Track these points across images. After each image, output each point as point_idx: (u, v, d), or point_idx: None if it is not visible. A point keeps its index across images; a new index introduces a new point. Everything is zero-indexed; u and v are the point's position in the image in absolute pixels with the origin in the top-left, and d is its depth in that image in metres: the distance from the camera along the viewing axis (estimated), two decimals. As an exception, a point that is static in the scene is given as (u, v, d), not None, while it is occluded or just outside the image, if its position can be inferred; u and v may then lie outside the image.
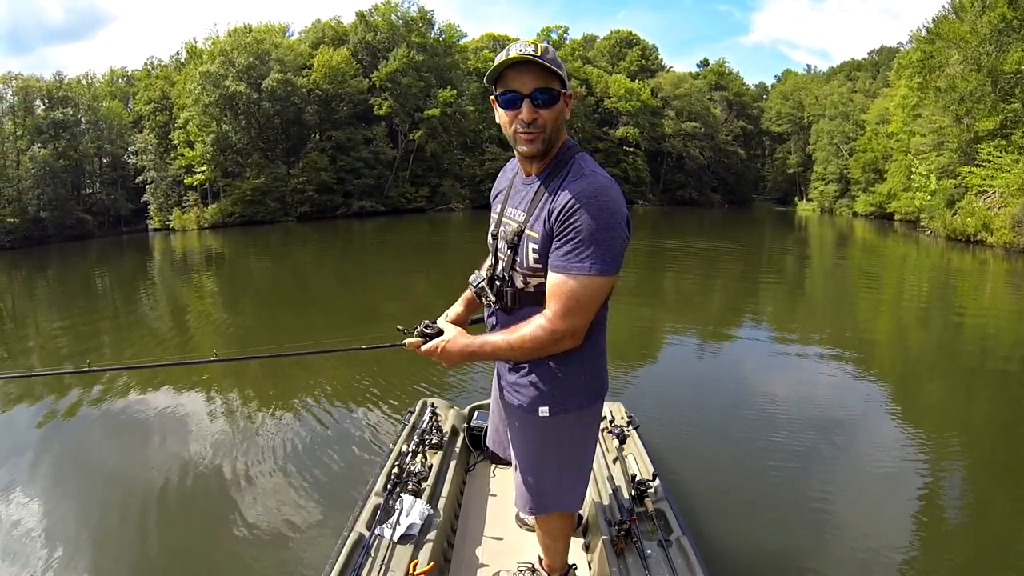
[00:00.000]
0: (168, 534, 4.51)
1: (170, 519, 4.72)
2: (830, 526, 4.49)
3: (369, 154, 48.69)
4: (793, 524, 4.53)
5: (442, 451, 3.63)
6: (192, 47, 49.99)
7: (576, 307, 1.96)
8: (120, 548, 4.39)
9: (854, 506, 4.74)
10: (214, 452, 5.81)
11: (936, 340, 10.79)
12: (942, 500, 4.98)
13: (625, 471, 3.35)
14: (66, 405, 7.67)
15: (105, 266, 28.62)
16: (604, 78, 61.86)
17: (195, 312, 15.70)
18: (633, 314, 12.88)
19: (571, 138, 2.15)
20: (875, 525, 4.48)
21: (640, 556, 2.65)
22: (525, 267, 2.11)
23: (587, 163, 2.05)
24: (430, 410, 4.00)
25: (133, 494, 5.09)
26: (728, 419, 6.61)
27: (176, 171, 46.72)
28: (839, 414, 6.74)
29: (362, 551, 2.67)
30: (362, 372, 7.92)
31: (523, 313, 2.14)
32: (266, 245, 32.27)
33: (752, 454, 5.65)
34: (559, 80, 1.96)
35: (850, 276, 19.45)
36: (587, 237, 1.90)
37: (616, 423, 3.86)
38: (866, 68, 61.52)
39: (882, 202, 42.28)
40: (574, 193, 1.93)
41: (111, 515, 4.84)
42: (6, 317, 17.07)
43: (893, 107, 39.70)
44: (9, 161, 41.08)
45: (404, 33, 51.61)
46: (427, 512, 2.95)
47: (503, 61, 1.94)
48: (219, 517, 4.66)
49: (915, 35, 34.92)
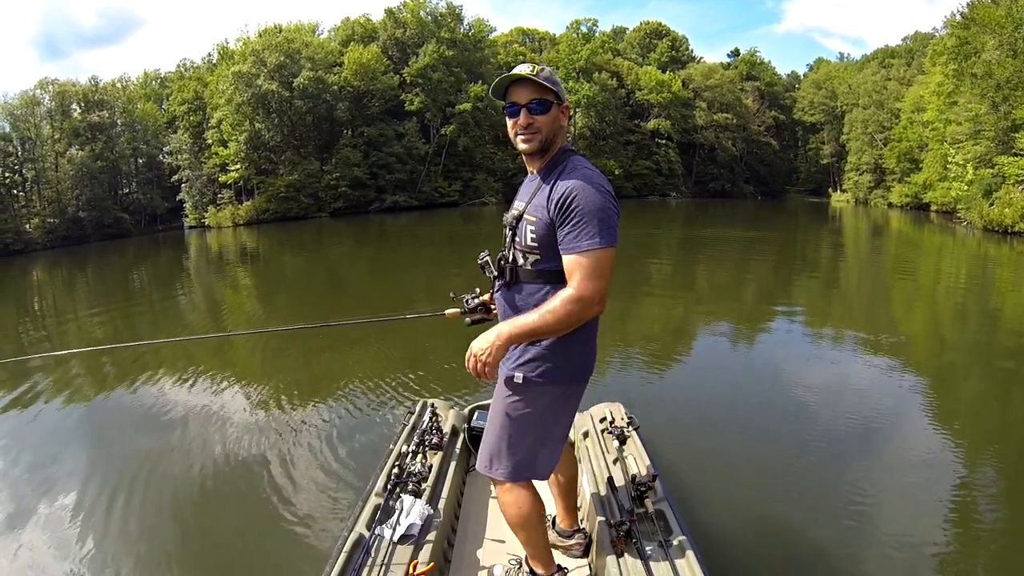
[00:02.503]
0: (167, 530, 4.46)
1: (169, 514, 4.67)
2: (831, 527, 4.40)
3: (401, 149, 48.77)
4: (793, 524, 4.47)
5: (442, 451, 3.64)
6: (224, 48, 50.64)
7: (596, 274, 2.24)
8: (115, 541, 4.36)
9: (856, 508, 4.61)
10: (212, 449, 5.82)
11: (972, 335, 10.20)
12: (960, 503, 4.67)
13: (625, 471, 3.33)
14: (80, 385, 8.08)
15: (143, 263, 29.00)
16: (634, 70, 61.40)
17: (230, 305, 15.81)
18: (656, 304, 12.76)
19: (570, 144, 2.53)
20: (878, 527, 4.37)
21: (640, 556, 2.64)
22: (523, 245, 2.43)
23: (580, 163, 2.41)
24: (430, 410, 4.00)
25: (131, 489, 5.09)
26: (732, 417, 6.50)
27: (210, 169, 47.26)
28: (848, 414, 6.43)
29: (362, 551, 2.69)
30: (362, 372, 7.83)
31: (521, 288, 2.49)
32: (300, 240, 32.47)
33: (754, 454, 5.55)
34: (553, 94, 2.39)
35: (884, 268, 18.81)
36: (589, 217, 2.24)
37: (616, 423, 3.83)
38: (900, 55, 60.01)
39: (918, 192, 41.24)
40: (570, 184, 2.29)
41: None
42: (47, 311, 17.32)
43: (928, 95, 38.55)
44: (48, 163, 41.98)
45: (433, 29, 51.69)
46: (427, 512, 2.96)
47: (503, 78, 2.40)
48: (218, 517, 4.65)
49: (949, 21, 33.82)
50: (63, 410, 7.53)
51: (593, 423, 3.90)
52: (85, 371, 9.30)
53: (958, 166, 32.63)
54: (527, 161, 2.53)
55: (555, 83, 2.38)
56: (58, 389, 8.35)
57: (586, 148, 57.41)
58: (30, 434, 6.72)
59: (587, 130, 57.74)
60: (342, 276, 19.72)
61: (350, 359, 8.82)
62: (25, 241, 38.01)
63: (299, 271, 22.05)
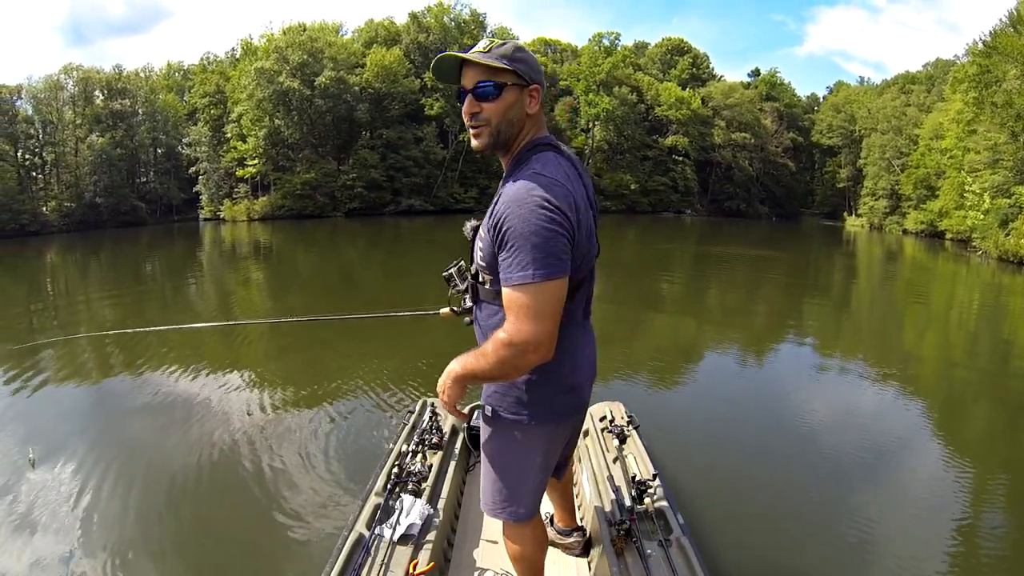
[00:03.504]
0: (164, 522, 4.45)
1: (166, 505, 4.66)
2: (831, 529, 4.48)
3: (419, 153, 48.90)
4: (793, 525, 4.55)
5: (442, 451, 3.63)
6: (247, 44, 50.95)
7: (529, 314, 1.82)
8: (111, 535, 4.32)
9: (856, 511, 4.68)
10: (212, 442, 5.79)
11: (983, 364, 10.11)
12: (963, 530, 4.65)
13: (625, 471, 3.33)
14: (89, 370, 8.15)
15: (157, 251, 29.16)
16: (655, 86, 61.31)
17: (240, 297, 15.90)
18: (665, 317, 12.79)
19: (548, 135, 2.07)
20: (877, 531, 4.41)
21: (640, 556, 2.64)
22: (477, 262, 2.10)
23: (536, 162, 1.94)
24: (430, 410, 3.99)
25: (130, 476, 5.12)
26: (732, 421, 6.56)
27: (228, 163, 47.51)
28: (850, 428, 6.53)
29: (362, 551, 2.68)
30: (363, 372, 7.80)
31: (482, 308, 2.18)
32: (314, 238, 32.55)
33: (754, 455, 5.62)
34: (511, 74, 1.93)
35: (896, 294, 18.69)
36: (520, 243, 1.80)
37: (616, 422, 3.85)
38: (921, 81, 59.64)
39: (933, 220, 40.73)
40: (504, 200, 1.86)
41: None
42: (60, 292, 17.42)
43: (947, 122, 38.13)
44: (68, 148, 42.33)
45: (456, 35, 51.81)
46: (427, 512, 2.96)
47: (444, 56, 1.96)
48: (216, 513, 4.63)
49: (971, 48, 33.51)
50: (68, 392, 7.63)
51: (593, 422, 3.92)
52: (92, 355, 9.40)
53: (975, 195, 32.42)
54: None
55: (516, 60, 1.93)
56: (65, 371, 8.44)
57: (603, 162, 57.44)
58: (33, 415, 6.78)
59: (605, 143, 57.70)
60: (354, 275, 19.78)
61: (355, 356, 8.81)
62: (41, 223, 38.33)
63: (311, 268, 22.10)
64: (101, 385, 7.99)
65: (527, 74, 1.95)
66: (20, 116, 41.06)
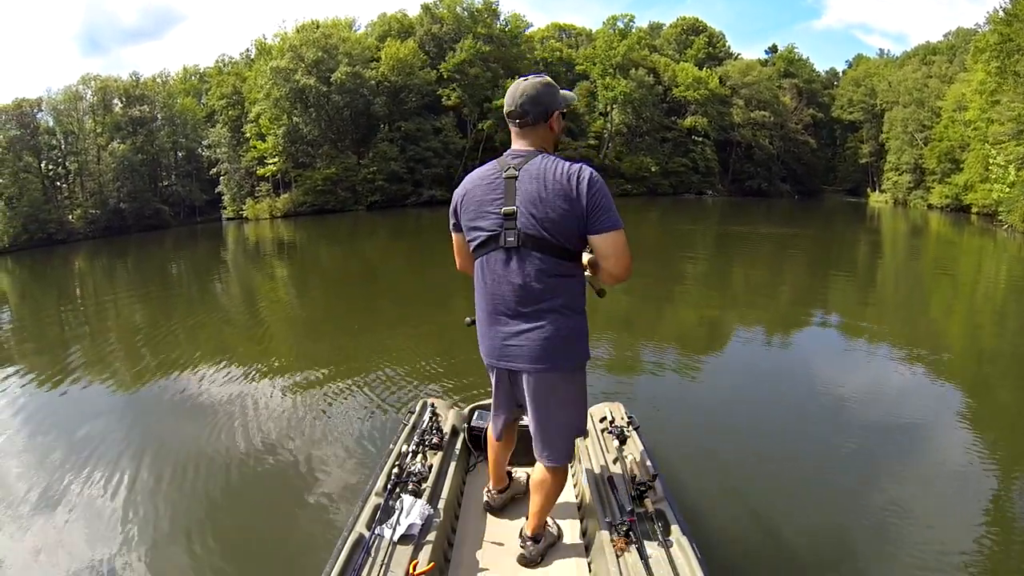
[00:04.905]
0: (164, 527, 4.45)
1: (166, 509, 4.68)
2: (833, 530, 4.40)
3: (438, 144, 48.90)
4: (794, 525, 4.46)
5: (442, 451, 3.64)
6: (261, 43, 50.97)
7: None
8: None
9: (861, 511, 4.59)
10: (218, 441, 5.84)
11: (1010, 343, 9.72)
12: (990, 517, 4.49)
13: (625, 471, 3.31)
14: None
15: (182, 252, 29.49)
16: (671, 67, 60.73)
17: (265, 292, 16.07)
18: (683, 300, 12.77)
19: (510, 148, 2.64)
20: (884, 533, 4.31)
21: (640, 556, 2.64)
22: None
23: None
24: (430, 410, 4.00)
25: (138, 470, 5.27)
26: (738, 417, 6.40)
27: (249, 163, 47.75)
28: (864, 421, 6.24)
29: (362, 551, 2.69)
30: (363, 372, 7.69)
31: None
32: (337, 233, 32.68)
33: (756, 455, 5.50)
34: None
35: (921, 270, 18.28)
36: None
37: (616, 423, 3.81)
38: (942, 52, 58.22)
39: (958, 194, 39.79)
40: None
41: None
42: (88, 296, 17.65)
43: (970, 93, 36.86)
44: (90, 156, 42.91)
45: (470, 24, 51.62)
46: (427, 512, 2.98)
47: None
48: (217, 517, 4.60)
49: (992, 16, 32.68)
50: (98, 389, 7.87)
51: (593, 423, 3.87)
52: (122, 354, 9.64)
53: (1000, 167, 31.42)
54: None
55: (535, 101, 2.56)
56: (95, 369, 8.69)
57: (623, 145, 57.17)
58: (66, 411, 7.05)
59: (624, 127, 57.33)
60: (378, 268, 19.82)
61: (357, 358, 8.70)
62: (68, 231, 38.92)
63: (335, 263, 22.19)
64: (134, 380, 8.18)
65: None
66: (42, 128, 41.64)
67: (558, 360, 2.60)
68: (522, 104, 2.51)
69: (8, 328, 13.43)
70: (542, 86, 2.54)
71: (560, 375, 2.65)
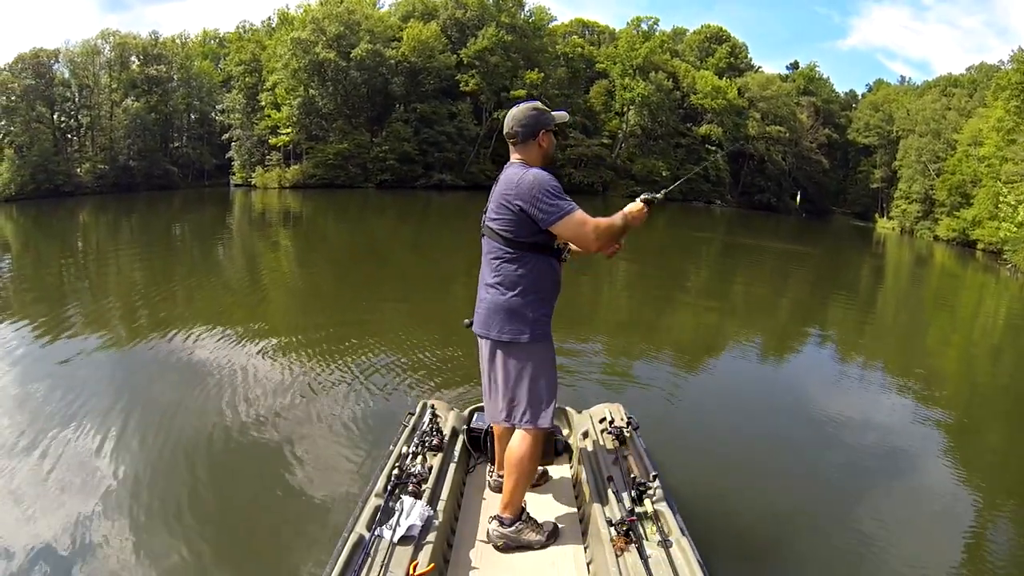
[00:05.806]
0: (163, 524, 4.31)
1: (164, 506, 4.51)
2: (831, 531, 4.53)
3: (453, 129, 48.81)
4: (793, 526, 4.59)
5: (442, 452, 3.64)
6: (284, 13, 50.91)
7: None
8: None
9: (858, 515, 4.72)
10: (215, 425, 5.72)
11: (1004, 380, 9.89)
12: (969, 547, 4.60)
13: (625, 471, 3.34)
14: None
15: (188, 214, 29.50)
16: (691, 73, 60.57)
17: (268, 261, 16.12)
18: (685, 310, 12.70)
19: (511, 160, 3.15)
20: (879, 536, 4.44)
21: (640, 556, 2.65)
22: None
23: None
24: (430, 412, 3.99)
25: (144, 436, 5.29)
26: (733, 421, 6.50)
27: (262, 131, 47.66)
28: (853, 429, 6.51)
29: (362, 552, 2.68)
30: (363, 373, 7.44)
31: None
32: (345, 208, 32.73)
33: (755, 456, 5.61)
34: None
35: (921, 301, 18.35)
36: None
37: (616, 424, 3.83)
38: (963, 84, 58.14)
39: (966, 228, 39.69)
40: None
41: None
42: (90, 250, 17.65)
43: (987, 129, 36.66)
44: (104, 111, 42.74)
45: (494, 12, 51.45)
46: (427, 513, 2.97)
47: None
48: (216, 517, 4.51)
49: (1016, 56, 32.67)
50: (92, 342, 7.86)
51: (593, 423, 3.91)
52: (119, 310, 9.66)
53: (1009, 206, 31.18)
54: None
55: (524, 123, 3.06)
56: (93, 330, 8.57)
57: (636, 147, 56.97)
58: (59, 362, 7.05)
59: (638, 128, 57.11)
60: (384, 247, 19.78)
61: (358, 358, 8.23)
62: (75, 184, 38.79)
63: (341, 238, 22.17)
64: (133, 342, 8.16)
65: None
66: (57, 79, 41.43)
67: (493, 330, 3.00)
68: (513, 127, 3.05)
69: (8, 276, 13.43)
70: (530, 111, 3.05)
71: (502, 347, 3.03)
